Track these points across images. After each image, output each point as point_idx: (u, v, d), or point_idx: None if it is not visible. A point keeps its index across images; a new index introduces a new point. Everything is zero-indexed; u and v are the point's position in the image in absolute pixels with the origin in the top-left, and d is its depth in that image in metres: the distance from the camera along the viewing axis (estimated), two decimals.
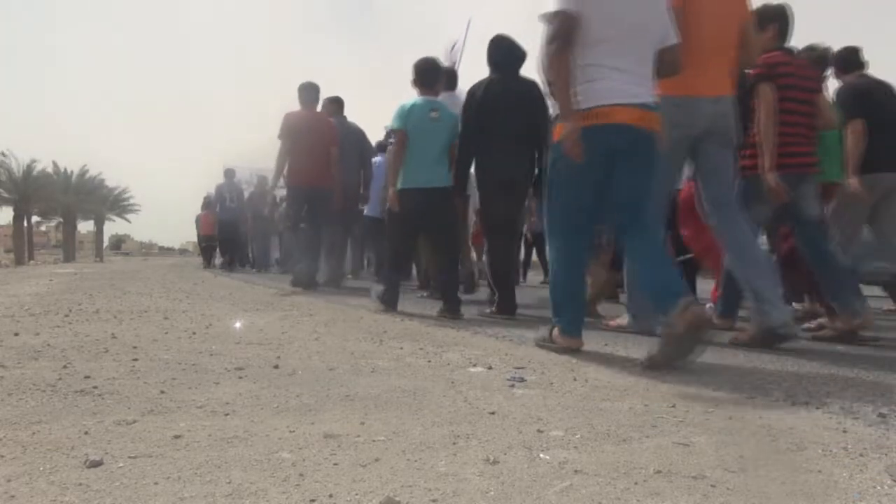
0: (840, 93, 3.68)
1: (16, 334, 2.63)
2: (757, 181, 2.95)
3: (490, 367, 2.06)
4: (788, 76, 2.99)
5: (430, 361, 2.18)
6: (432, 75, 4.04)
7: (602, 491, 1.01)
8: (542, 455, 1.18)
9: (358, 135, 6.25)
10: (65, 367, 1.95)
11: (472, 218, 5.49)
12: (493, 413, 1.48)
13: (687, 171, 3.17)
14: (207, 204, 13.36)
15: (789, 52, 3.11)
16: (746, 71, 2.97)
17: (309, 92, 5.85)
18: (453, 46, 7.08)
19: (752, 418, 1.48)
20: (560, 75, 2.29)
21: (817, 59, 3.56)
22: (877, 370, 2.16)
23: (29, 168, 30.03)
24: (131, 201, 38.64)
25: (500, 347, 2.55)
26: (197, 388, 1.70)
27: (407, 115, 3.87)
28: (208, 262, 13.83)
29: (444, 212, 3.90)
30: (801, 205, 3.06)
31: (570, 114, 2.25)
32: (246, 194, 12.28)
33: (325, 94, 6.09)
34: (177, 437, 1.25)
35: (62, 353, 2.20)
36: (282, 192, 7.17)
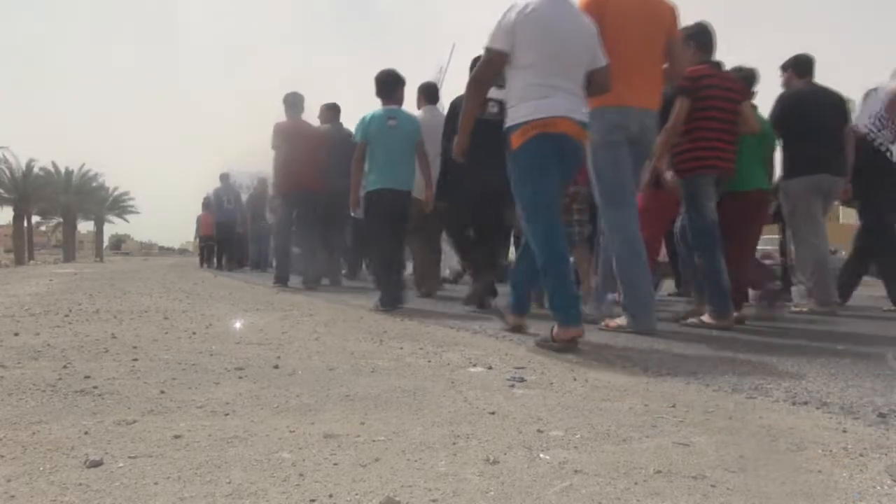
0: (778, 100, 4.18)
1: (16, 334, 2.63)
2: (687, 182, 3.33)
3: (490, 367, 2.06)
4: (712, 87, 3.31)
5: (430, 361, 2.18)
6: (391, 86, 4.40)
7: (602, 491, 1.01)
8: (542, 455, 1.18)
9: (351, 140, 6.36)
10: (65, 367, 1.95)
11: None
12: (493, 413, 1.48)
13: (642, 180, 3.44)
14: (207, 205, 13.57)
15: (714, 65, 3.41)
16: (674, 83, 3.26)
17: (295, 101, 6.18)
18: (440, 69, 7.79)
19: (752, 418, 1.48)
20: (473, 99, 2.81)
21: (745, 76, 3.97)
22: (877, 370, 2.16)
23: (29, 168, 30.02)
24: (131, 202, 38.66)
25: (500, 347, 2.55)
26: (197, 388, 1.70)
27: (367, 126, 4.25)
28: (205, 262, 14.10)
29: (403, 213, 4.29)
30: (707, 205, 3.37)
31: (468, 129, 2.83)
32: (245, 196, 12.44)
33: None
34: (177, 437, 1.25)
35: (62, 353, 2.20)
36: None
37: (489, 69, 2.68)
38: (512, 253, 4.79)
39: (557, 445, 1.24)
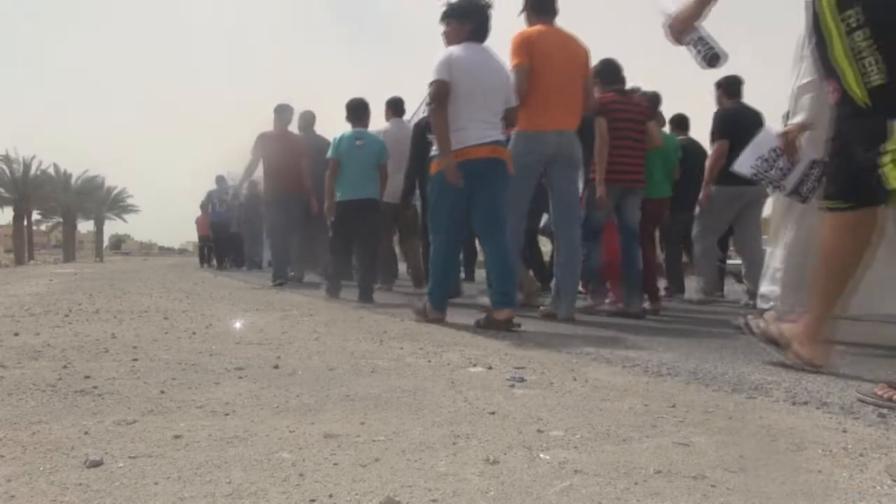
0: (715, 116, 4.84)
1: (16, 334, 2.63)
2: (594, 189, 3.96)
3: (490, 367, 2.06)
4: (620, 111, 4.00)
5: (430, 361, 2.18)
6: (360, 112, 5.22)
7: (602, 491, 1.01)
8: (542, 455, 1.18)
9: (324, 147, 6.47)
10: (65, 367, 1.95)
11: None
12: (493, 413, 1.48)
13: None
14: (204, 207, 13.79)
15: (621, 92, 4.10)
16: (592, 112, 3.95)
17: (284, 112, 6.71)
18: (419, 105, 7.99)
19: (752, 418, 1.48)
20: (438, 126, 3.21)
21: (651, 97, 4.80)
22: (877, 371, 2.16)
23: (28, 167, 30.01)
24: (131, 202, 38.67)
25: (500, 347, 2.55)
26: (197, 388, 1.70)
27: (337, 146, 5.03)
28: (204, 261, 14.33)
29: (370, 218, 5.02)
30: (624, 213, 4.11)
31: (447, 152, 3.19)
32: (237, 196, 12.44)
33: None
34: (177, 437, 1.25)
35: (62, 353, 2.20)
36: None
37: (439, 96, 3.22)
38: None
39: (557, 445, 1.24)
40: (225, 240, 12.64)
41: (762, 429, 1.39)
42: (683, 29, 2.46)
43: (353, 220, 5.02)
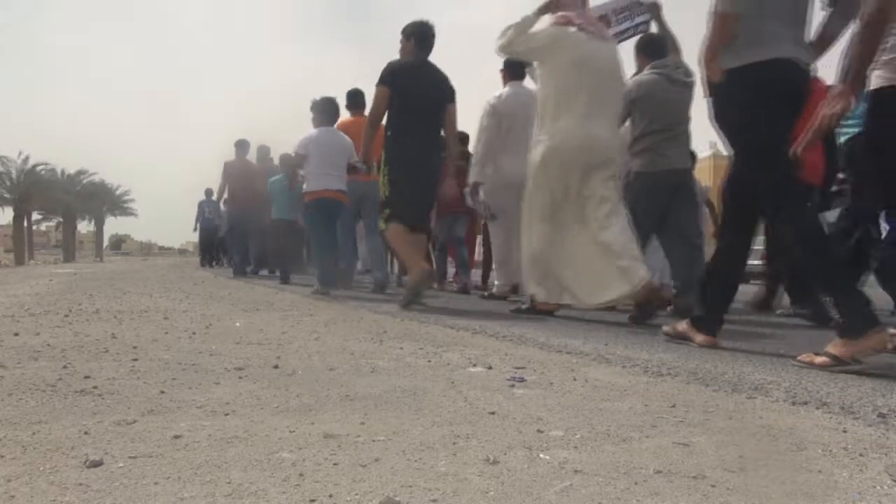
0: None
1: (16, 334, 2.63)
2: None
3: (490, 367, 2.06)
4: None
5: (430, 361, 2.18)
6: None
7: (602, 491, 1.01)
8: (542, 455, 1.18)
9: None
10: (65, 367, 1.95)
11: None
12: (493, 413, 1.48)
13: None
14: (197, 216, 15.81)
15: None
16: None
17: (243, 146, 9.02)
18: None
19: (752, 418, 1.48)
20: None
21: None
22: (877, 370, 2.16)
23: (27, 166, 29.99)
24: (131, 202, 38.65)
25: (500, 347, 2.55)
26: (197, 388, 1.70)
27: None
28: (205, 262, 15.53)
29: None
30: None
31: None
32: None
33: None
34: (177, 437, 1.25)
35: (62, 353, 2.20)
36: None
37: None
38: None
39: (557, 445, 1.24)
40: (213, 244, 15.22)
41: (762, 429, 1.39)
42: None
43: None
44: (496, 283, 5.39)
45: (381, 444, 1.23)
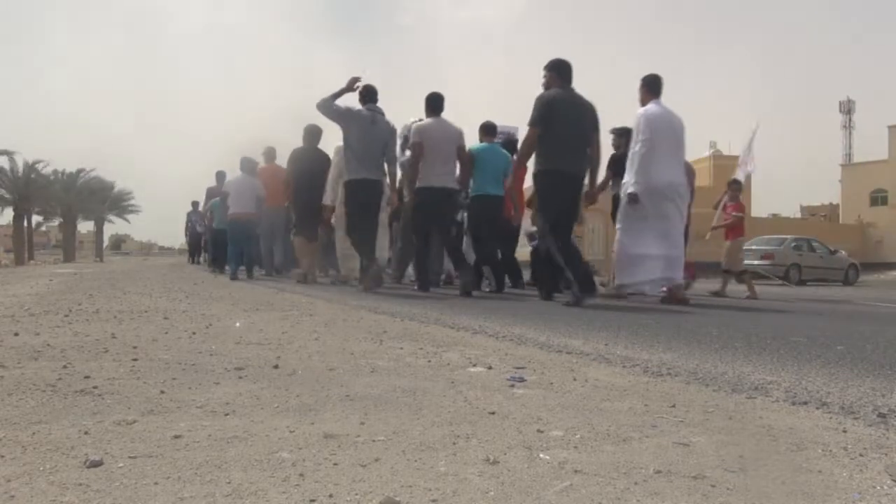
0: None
1: (16, 334, 2.63)
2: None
3: (490, 367, 2.06)
4: None
5: (430, 361, 2.18)
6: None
7: (602, 491, 1.01)
8: (542, 455, 1.18)
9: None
10: (65, 367, 1.95)
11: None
12: (493, 413, 1.48)
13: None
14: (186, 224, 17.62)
15: None
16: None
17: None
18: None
19: (752, 418, 1.48)
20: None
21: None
22: (877, 371, 2.16)
23: (28, 167, 29.98)
24: (131, 202, 38.64)
25: (500, 347, 2.55)
26: (197, 388, 1.70)
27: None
28: (209, 263, 16.21)
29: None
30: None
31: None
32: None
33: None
34: (177, 437, 1.25)
35: (62, 353, 2.20)
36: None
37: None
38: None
39: (557, 445, 1.24)
40: (199, 246, 17.08)
41: (762, 429, 1.39)
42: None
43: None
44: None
45: (381, 444, 1.23)
